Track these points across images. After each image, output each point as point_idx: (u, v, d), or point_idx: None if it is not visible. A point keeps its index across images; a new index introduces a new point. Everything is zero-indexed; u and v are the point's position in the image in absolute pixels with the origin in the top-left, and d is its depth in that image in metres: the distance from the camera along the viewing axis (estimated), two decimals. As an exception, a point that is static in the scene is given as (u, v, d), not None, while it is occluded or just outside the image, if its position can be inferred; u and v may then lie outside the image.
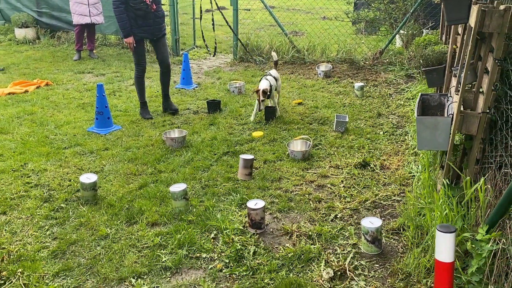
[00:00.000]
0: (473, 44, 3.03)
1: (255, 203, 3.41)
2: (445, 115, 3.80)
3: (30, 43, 10.22)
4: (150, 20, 5.48)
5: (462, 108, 3.27)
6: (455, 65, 4.33)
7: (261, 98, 5.45)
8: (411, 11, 7.89)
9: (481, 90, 3.48)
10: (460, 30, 4.59)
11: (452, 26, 4.53)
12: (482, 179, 2.79)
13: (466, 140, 3.57)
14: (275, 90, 5.82)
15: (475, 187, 2.79)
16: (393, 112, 5.98)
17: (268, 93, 5.51)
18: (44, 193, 3.91)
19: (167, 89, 6.04)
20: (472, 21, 3.20)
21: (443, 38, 5.78)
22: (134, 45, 5.50)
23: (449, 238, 1.96)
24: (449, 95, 3.92)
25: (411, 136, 5.10)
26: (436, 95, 4.01)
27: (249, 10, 9.33)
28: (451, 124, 3.33)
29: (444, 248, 1.98)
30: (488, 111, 3.12)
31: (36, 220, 3.51)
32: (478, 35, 3.86)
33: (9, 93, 6.73)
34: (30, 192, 3.93)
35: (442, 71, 4.70)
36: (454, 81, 4.21)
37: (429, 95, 4.03)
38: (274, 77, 5.81)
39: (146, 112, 5.90)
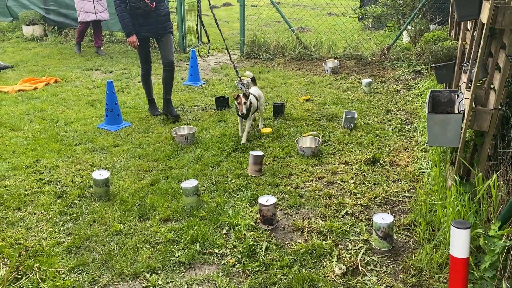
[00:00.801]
0: (485, 40, 3.03)
1: (267, 199, 3.43)
2: (455, 112, 3.81)
3: (38, 40, 10.28)
4: (152, 19, 5.34)
5: (473, 105, 3.27)
6: (465, 62, 4.33)
7: (243, 100, 4.85)
8: (419, 6, 7.87)
9: (492, 86, 3.48)
10: (469, 26, 4.58)
11: (462, 22, 4.52)
12: (495, 175, 2.80)
13: (476, 137, 3.58)
14: (256, 110, 5.22)
15: (488, 183, 2.80)
16: (401, 109, 5.98)
17: (248, 106, 4.92)
18: (57, 189, 3.95)
19: (169, 92, 5.72)
20: (484, 17, 3.20)
21: (452, 34, 5.77)
22: (138, 44, 5.38)
23: (464, 234, 1.98)
24: (459, 91, 3.92)
25: (420, 132, 5.10)
26: (446, 92, 4.01)
27: (256, 6, 9.32)
28: (462, 120, 3.34)
29: (459, 244, 2.00)
30: (500, 107, 3.12)
31: (50, 216, 3.56)
32: (488, 31, 3.86)
33: (18, 90, 6.78)
34: (43, 188, 3.97)
35: (451, 68, 4.69)
36: (464, 78, 4.21)
37: (439, 91, 4.03)
38: (255, 96, 5.21)
39: (155, 108, 5.89)
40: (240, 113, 4.92)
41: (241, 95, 4.95)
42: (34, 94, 6.62)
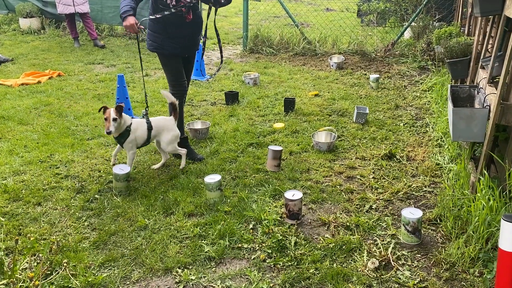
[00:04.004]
0: (516, 36, 3.04)
1: (293, 194, 3.42)
2: (476, 107, 3.83)
3: (35, 33, 10.11)
4: (187, 30, 3.99)
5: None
6: (482, 57, 4.36)
7: (112, 115, 3.75)
8: (424, 2, 7.89)
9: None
10: (483, 22, 4.61)
11: (479, 18, 4.54)
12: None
13: (498, 131, 3.60)
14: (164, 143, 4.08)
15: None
16: (410, 104, 6.01)
17: (117, 126, 3.79)
18: (75, 184, 3.89)
19: (180, 129, 4.29)
20: (511, 12, 3.22)
21: (463, 30, 5.80)
22: (141, 27, 3.80)
23: (515, 227, 1.99)
24: (479, 86, 3.94)
25: (432, 127, 5.13)
26: (466, 87, 4.03)
27: (260, 1, 9.28)
28: (488, 115, 3.36)
29: (509, 237, 2.01)
30: (528, 102, 3.14)
31: (73, 211, 3.50)
32: (505, 26, 3.88)
33: (22, 84, 6.66)
34: (62, 183, 3.91)
35: (467, 63, 4.72)
36: (482, 73, 4.24)
37: (459, 87, 4.05)
38: (150, 126, 4.01)
39: (193, 152, 4.40)
40: (106, 131, 3.78)
41: (111, 109, 3.78)
42: (38, 88, 6.51)
